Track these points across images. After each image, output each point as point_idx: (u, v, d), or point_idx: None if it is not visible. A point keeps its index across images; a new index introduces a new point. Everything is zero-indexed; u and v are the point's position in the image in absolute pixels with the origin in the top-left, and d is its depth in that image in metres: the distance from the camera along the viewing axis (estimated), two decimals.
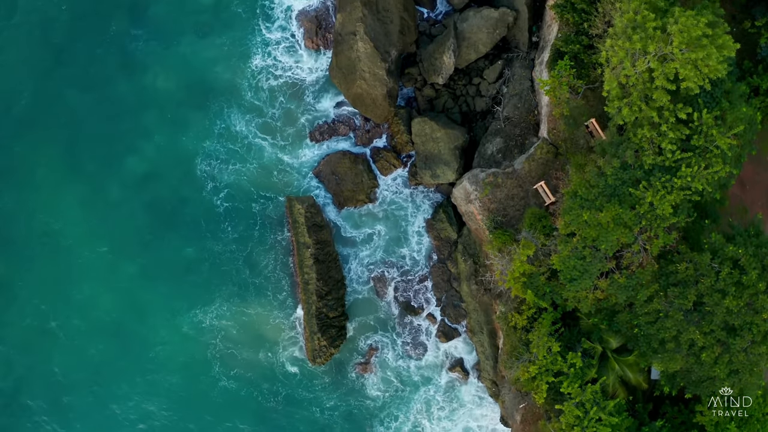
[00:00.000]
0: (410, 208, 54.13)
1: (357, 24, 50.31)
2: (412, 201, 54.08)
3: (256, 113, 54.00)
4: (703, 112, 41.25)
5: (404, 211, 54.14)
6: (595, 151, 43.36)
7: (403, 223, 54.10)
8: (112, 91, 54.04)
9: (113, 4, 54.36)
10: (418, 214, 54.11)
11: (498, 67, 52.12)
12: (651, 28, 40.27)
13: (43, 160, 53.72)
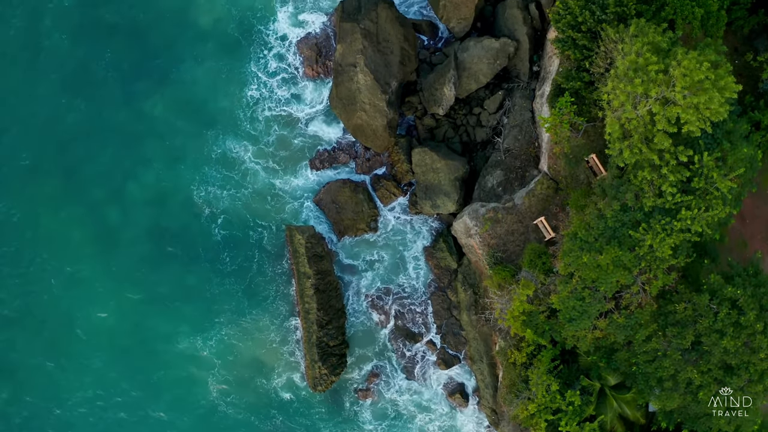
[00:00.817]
0: (410, 236, 54.27)
1: (357, 56, 50.19)
2: (412, 229, 54.20)
3: (254, 141, 54.05)
4: (704, 155, 41.20)
5: (405, 239, 54.28)
6: (595, 192, 43.42)
7: (403, 250, 54.29)
8: (111, 117, 53.96)
9: (112, 32, 54.16)
10: (418, 242, 54.27)
11: (498, 98, 52.03)
12: (653, 72, 40.19)
13: (43, 186, 53.73)
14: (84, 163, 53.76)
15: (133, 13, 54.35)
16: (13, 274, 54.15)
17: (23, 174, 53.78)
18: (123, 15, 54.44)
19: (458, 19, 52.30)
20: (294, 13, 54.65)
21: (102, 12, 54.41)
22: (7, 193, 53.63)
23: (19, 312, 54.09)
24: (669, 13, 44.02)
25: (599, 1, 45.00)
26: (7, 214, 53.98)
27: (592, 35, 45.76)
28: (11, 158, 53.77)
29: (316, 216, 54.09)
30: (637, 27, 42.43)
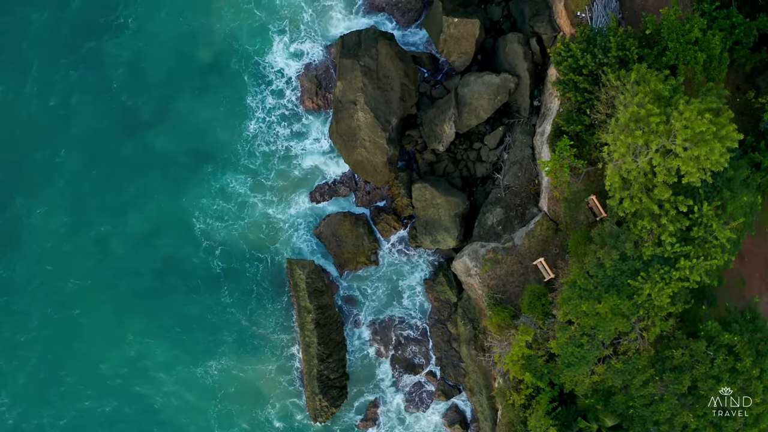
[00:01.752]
0: (410, 269, 54.47)
1: (357, 94, 49.99)
2: (412, 262, 54.37)
3: (253, 174, 54.10)
4: (704, 205, 41.30)
5: (405, 272, 54.52)
6: (594, 241, 43.56)
7: (403, 283, 54.52)
8: (112, 149, 53.98)
9: (115, 63, 54.02)
10: (418, 275, 54.44)
11: (499, 133, 51.91)
12: (654, 123, 40.12)
13: (46, 217, 53.93)
14: (85, 194, 53.80)
15: (137, 46, 54.22)
16: (11, 301, 54.70)
17: (22, 204, 53.84)
18: (126, 47, 54.29)
19: (459, 54, 52.02)
20: (291, 45, 54.43)
21: (106, 44, 54.24)
22: (7, 224, 53.85)
23: (19, 340, 54.60)
24: (671, 58, 43.86)
25: (601, 45, 44.88)
26: (7, 242, 54.47)
27: (594, 78, 45.63)
28: (10, 191, 53.85)
29: (317, 249, 54.31)
30: (638, 74, 42.31)
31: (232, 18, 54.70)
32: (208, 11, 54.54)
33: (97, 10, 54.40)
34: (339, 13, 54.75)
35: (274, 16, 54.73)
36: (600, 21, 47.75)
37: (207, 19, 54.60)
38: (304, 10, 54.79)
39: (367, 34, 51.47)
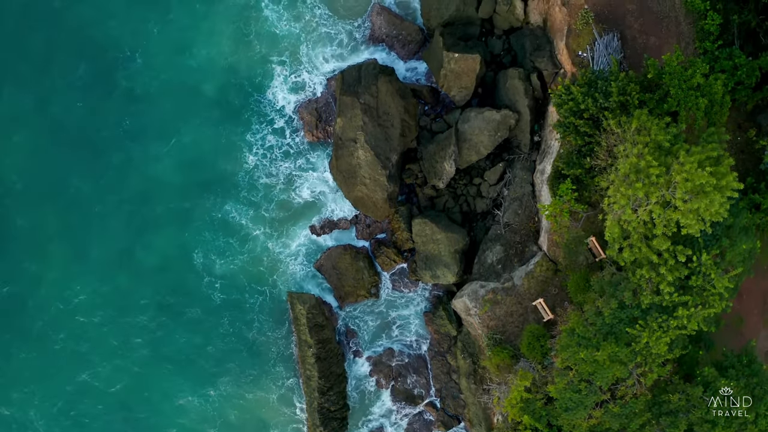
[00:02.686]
0: (411, 301, 54.70)
1: (357, 132, 49.91)
2: (412, 294, 54.66)
3: (254, 207, 54.20)
4: (703, 255, 41.49)
5: (405, 304, 54.80)
6: (593, 289, 43.79)
7: (403, 314, 54.82)
8: (112, 182, 53.99)
9: (123, 96, 54.07)
10: (418, 307, 54.78)
11: (499, 169, 51.86)
12: (654, 176, 40.14)
13: (48, 248, 54.07)
14: (87, 227, 53.95)
15: (143, 80, 54.20)
16: (15, 327, 55.15)
17: (27, 237, 53.99)
18: (132, 81, 54.29)
19: (459, 88, 51.79)
20: (291, 77, 54.27)
21: (112, 78, 54.23)
22: (13, 255, 53.96)
23: (23, 369, 55.19)
24: (672, 104, 43.67)
25: (602, 89, 44.71)
26: (12, 272, 54.52)
27: (595, 122, 45.53)
28: (16, 223, 54.06)
29: (317, 281, 54.54)
30: (639, 121, 42.23)
31: (234, 52, 54.74)
32: (212, 45, 54.62)
33: (104, 45, 54.39)
34: (339, 45, 54.53)
35: (275, 48, 54.63)
36: (601, 61, 47.54)
37: (210, 52, 54.72)
38: (304, 42, 54.62)
39: (367, 70, 51.24)
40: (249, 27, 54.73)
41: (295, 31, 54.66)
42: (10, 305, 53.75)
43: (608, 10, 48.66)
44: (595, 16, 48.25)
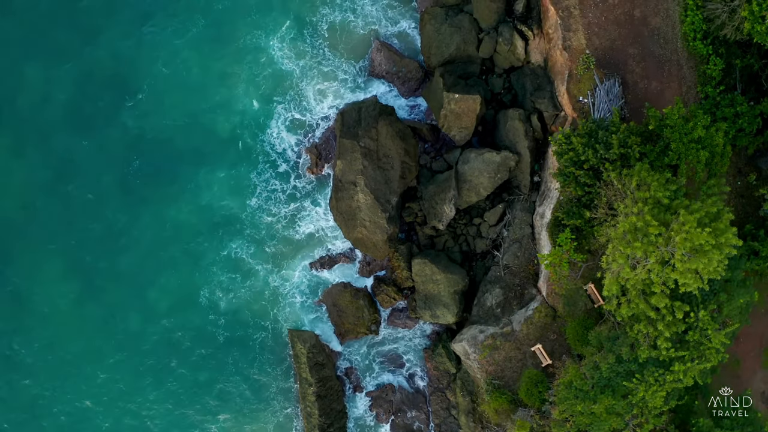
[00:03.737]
0: (411, 337, 54.93)
1: (357, 176, 49.81)
2: (412, 330, 54.85)
3: (257, 244, 54.30)
4: (700, 312, 41.72)
5: (405, 340, 55.01)
6: (591, 344, 44.07)
7: (403, 350, 55.08)
8: (119, 222, 54.21)
9: (123, 138, 54.14)
10: (418, 343, 55.12)
11: (499, 210, 51.85)
12: (653, 235, 40.20)
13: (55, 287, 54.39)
14: (94, 267, 54.16)
15: (149, 120, 54.20)
16: (20, 362, 55.41)
17: (34, 278, 54.24)
18: (139, 120, 54.31)
19: (459, 128, 51.59)
20: (295, 116, 54.20)
21: (122, 116, 54.34)
22: (22, 292, 54.24)
23: (26, 402, 55.53)
24: (673, 158, 43.58)
25: (603, 139, 44.56)
26: (24, 311, 54.72)
27: (595, 172, 45.47)
28: (27, 262, 54.22)
29: (318, 317, 54.84)
30: (639, 177, 42.17)
31: (238, 92, 54.76)
32: (217, 85, 54.71)
33: (109, 85, 54.36)
34: (341, 83, 54.36)
35: (279, 87, 54.60)
36: (602, 107, 47.33)
37: (216, 92, 54.79)
38: (306, 80, 54.44)
39: (367, 111, 51.02)
40: (254, 67, 54.64)
41: (298, 70, 54.53)
42: (15, 343, 53.97)
43: (610, 55, 48.42)
44: (596, 61, 48.03)
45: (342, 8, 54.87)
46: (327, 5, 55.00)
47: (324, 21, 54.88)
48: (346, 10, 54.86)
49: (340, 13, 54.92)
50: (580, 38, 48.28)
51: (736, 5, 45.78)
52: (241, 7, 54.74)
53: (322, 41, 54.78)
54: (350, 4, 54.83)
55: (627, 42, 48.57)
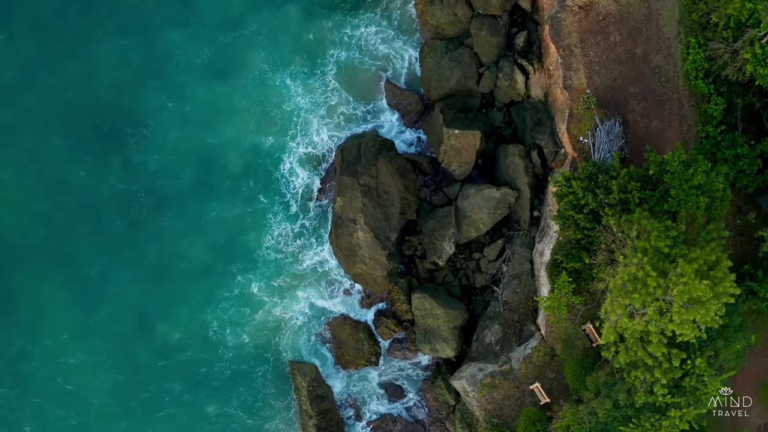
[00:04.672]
0: (410, 368, 55.17)
1: (357, 214, 49.84)
2: (412, 361, 55.01)
3: (266, 279, 54.36)
4: (697, 359, 42.00)
5: (404, 371, 55.23)
6: (588, 389, 44.40)
7: (403, 381, 55.34)
8: (128, 256, 54.20)
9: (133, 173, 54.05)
10: (417, 373, 55.50)
11: (498, 246, 51.90)
12: (652, 287, 40.33)
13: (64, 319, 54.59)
14: (105, 300, 54.30)
15: (158, 155, 54.19)
16: (23, 392, 55.92)
17: (39, 311, 54.35)
18: (146, 156, 54.17)
19: (459, 163, 51.54)
20: (302, 151, 54.23)
21: (127, 150, 54.33)
22: (26, 324, 54.45)
23: None
24: (673, 204, 43.52)
25: (603, 183, 44.48)
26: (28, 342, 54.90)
27: (595, 215, 45.46)
28: (30, 294, 54.36)
29: (319, 349, 55.19)
30: (639, 226, 42.16)
31: (247, 127, 54.61)
32: (225, 119, 54.60)
33: (113, 117, 54.21)
34: (347, 115, 54.34)
35: (287, 122, 54.46)
36: (602, 148, 47.22)
37: (224, 127, 54.62)
38: (315, 113, 54.38)
39: (367, 146, 50.91)
40: (262, 101, 54.52)
41: (307, 104, 54.44)
42: (18, 380, 54.33)
43: (611, 94, 48.19)
44: (597, 100, 47.82)
45: (349, 45, 54.82)
46: (335, 40, 54.90)
47: (332, 56, 54.86)
48: (353, 46, 54.84)
49: (347, 50, 54.89)
50: (581, 77, 48.07)
51: (739, 47, 45.61)
52: (247, 42, 54.56)
53: (329, 75, 54.82)
54: (357, 40, 54.81)
55: (628, 81, 48.35)
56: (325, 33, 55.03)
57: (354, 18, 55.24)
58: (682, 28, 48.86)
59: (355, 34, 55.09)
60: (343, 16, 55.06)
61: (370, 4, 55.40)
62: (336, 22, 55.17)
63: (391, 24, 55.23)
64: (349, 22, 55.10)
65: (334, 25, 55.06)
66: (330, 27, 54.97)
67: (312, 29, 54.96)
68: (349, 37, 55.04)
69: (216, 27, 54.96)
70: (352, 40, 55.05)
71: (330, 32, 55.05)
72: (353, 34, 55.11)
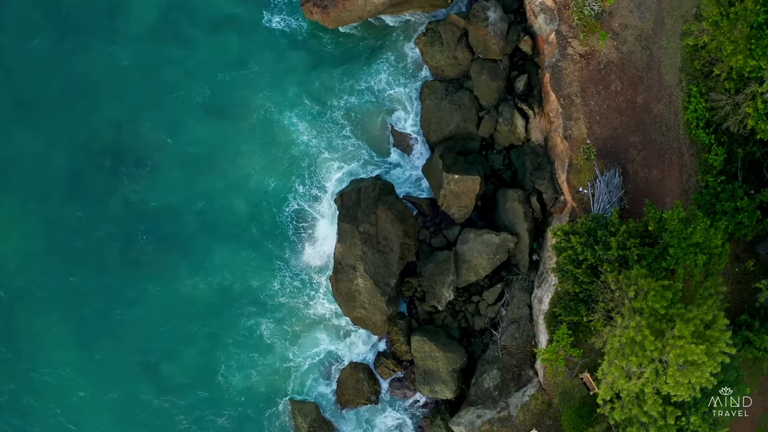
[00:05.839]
0: (410, 406, 55.62)
1: (357, 261, 49.90)
2: (411, 400, 55.39)
3: (276, 322, 54.27)
4: (692, 417, 42.39)
5: (404, 408, 55.70)
6: None
7: (402, 418, 55.68)
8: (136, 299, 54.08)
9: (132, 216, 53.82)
10: (417, 412, 55.87)
11: (497, 290, 51.99)
12: (650, 350, 40.58)
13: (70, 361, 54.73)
14: (111, 345, 54.30)
15: (159, 195, 53.96)
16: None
17: (42, 348, 54.46)
18: (148, 198, 53.97)
19: (458, 207, 51.47)
20: (311, 194, 54.09)
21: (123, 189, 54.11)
22: (25, 366, 54.54)
23: None
24: (671, 263, 43.56)
25: (602, 239, 44.52)
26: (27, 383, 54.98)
27: (593, 269, 45.55)
28: (30, 335, 54.41)
29: (320, 387, 55.56)
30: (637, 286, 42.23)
31: (248, 166, 54.29)
32: (228, 160, 54.32)
33: (118, 158, 54.00)
34: (354, 157, 54.13)
35: (293, 163, 54.17)
36: (602, 199, 47.16)
37: (227, 168, 54.34)
38: (321, 155, 54.13)
39: (367, 192, 50.81)
40: (267, 143, 54.22)
41: (313, 146, 54.18)
42: (18, 416, 54.58)
43: (611, 144, 48.01)
44: (597, 150, 47.66)
45: (358, 87, 54.57)
46: (342, 82, 54.65)
47: (340, 97, 54.59)
48: (362, 89, 54.59)
49: (355, 92, 54.66)
50: (581, 127, 47.87)
51: (741, 100, 45.34)
52: (248, 82, 54.24)
53: (337, 116, 54.50)
54: (366, 82, 54.54)
55: (628, 130, 48.15)
56: (332, 74, 54.79)
57: (364, 59, 54.91)
58: (683, 75, 48.63)
59: (364, 75, 54.89)
60: (353, 57, 54.74)
61: (381, 45, 55.06)
62: (344, 62, 54.91)
63: (400, 65, 54.91)
64: (358, 63, 54.75)
65: (343, 66, 54.81)
66: (338, 69, 54.73)
67: (318, 71, 54.70)
68: (358, 78, 54.84)
69: (220, 67, 54.47)
70: (360, 81, 54.80)
71: (338, 74, 54.81)
72: (363, 75, 54.89)
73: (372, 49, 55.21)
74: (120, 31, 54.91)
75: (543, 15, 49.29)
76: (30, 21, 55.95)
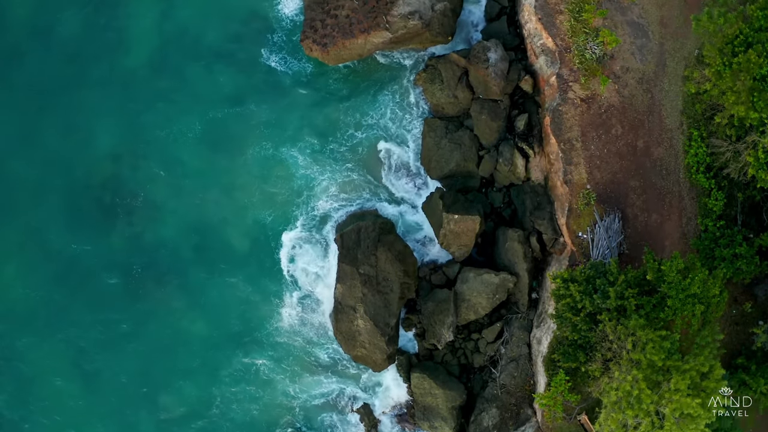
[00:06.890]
0: None
1: (357, 303, 50.14)
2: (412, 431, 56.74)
3: (275, 361, 54.53)
4: None
5: None
6: None
7: None
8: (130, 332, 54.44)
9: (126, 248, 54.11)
10: None
11: (497, 328, 52.29)
12: (646, 404, 41.02)
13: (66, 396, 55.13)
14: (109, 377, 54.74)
15: (153, 228, 54.18)
16: None
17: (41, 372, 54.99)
18: (138, 225, 54.14)
19: (458, 246, 51.60)
20: (311, 228, 54.24)
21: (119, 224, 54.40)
22: (22, 398, 55.26)
23: None
24: (669, 314, 43.75)
25: (600, 288, 44.72)
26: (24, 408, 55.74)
27: (592, 317, 45.81)
28: (27, 367, 54.87)
29: (318, 418, 56.24)
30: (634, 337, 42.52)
31: (244, 200, 54.26)
32: (223, 194, 54.28)
33: (112, 190, 54.16)
34: (357, 192, 54.19)
35: (293, 198, 54.09)
36: (602, 244, 47.26)
37: (221, 202, 54.30)
38: (322, 190, 54.13)
39: (366, 232, 50.88)
40: (266, 177, 54.16)
41: (314, 181, 54.12)
42: None
43: (611, 188, 47.99)
44: (597, 195, 47.69)
45: (358, 125, 54.41)
46: (346, 118, 54.56)
47: (337, 133, 54.48)
48: (364, 126, 54.45)
49: (359, 128, 54.46)
50: (581, 172, 47.81)
51: (741, 148, 45.23)
52: (244, 118, 54.12)
53: (335, 152, 54.40)
54: (366, 119, 54.31)
55: (629, 174, 48.10)
56: (332, 110, 54.56)
57: (364, 95, 54.70)
58: (685, 119, 48.45)
59: (365, 111, 54.65)
60: (353, 93, 54.57)
61: (381, 80, 54.83)
62: (345, 98, 54.68)
63: (401, 101, 54.67)
64: (358, 99, 54.57)
65: (343, 102, 54.57)
66: (338, 104, 54.53)
67: (319, 106, 54.56)
68: (358, 114, 54.61)
69: (219, 102, 54.48)
70: (361, 117, 54.60)
71: (338, 109, 54.60)
72: (363, 111, 54.67)
73: (372, 85, 54.94)
74: (119, 66, 54.74)
75: (544, 57, 49.02)
76: (27, 54, 55.85)
